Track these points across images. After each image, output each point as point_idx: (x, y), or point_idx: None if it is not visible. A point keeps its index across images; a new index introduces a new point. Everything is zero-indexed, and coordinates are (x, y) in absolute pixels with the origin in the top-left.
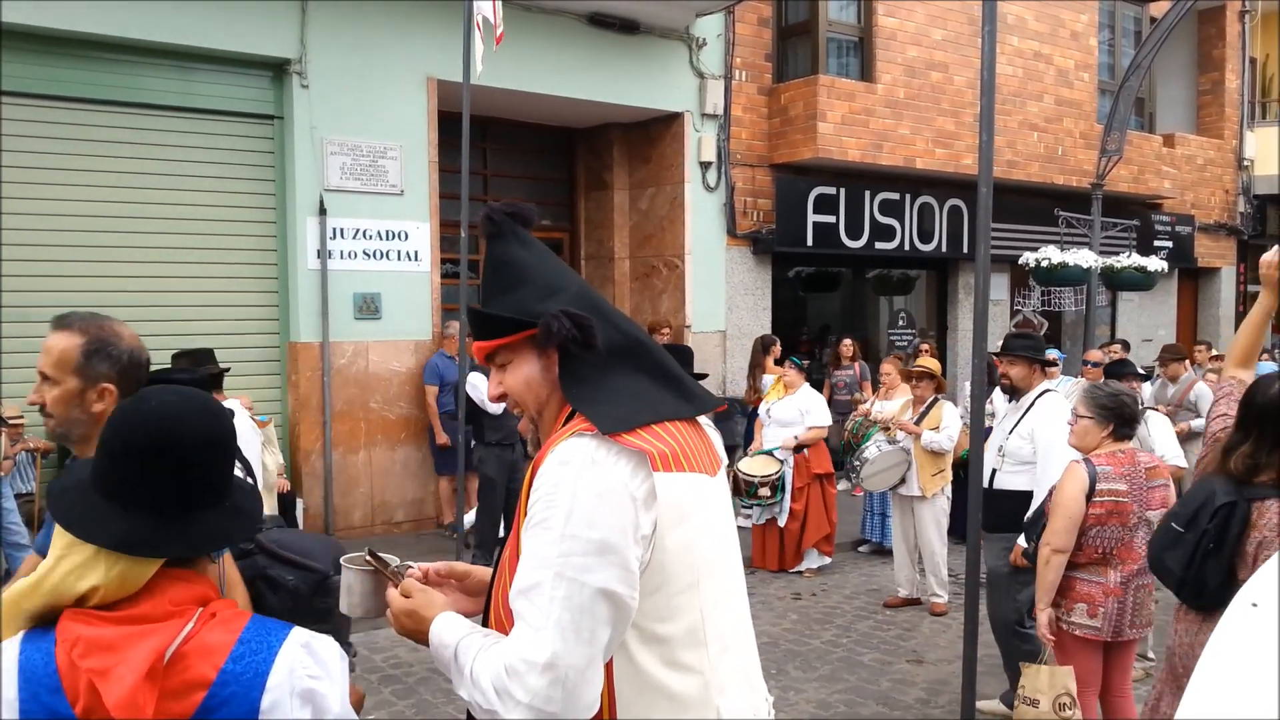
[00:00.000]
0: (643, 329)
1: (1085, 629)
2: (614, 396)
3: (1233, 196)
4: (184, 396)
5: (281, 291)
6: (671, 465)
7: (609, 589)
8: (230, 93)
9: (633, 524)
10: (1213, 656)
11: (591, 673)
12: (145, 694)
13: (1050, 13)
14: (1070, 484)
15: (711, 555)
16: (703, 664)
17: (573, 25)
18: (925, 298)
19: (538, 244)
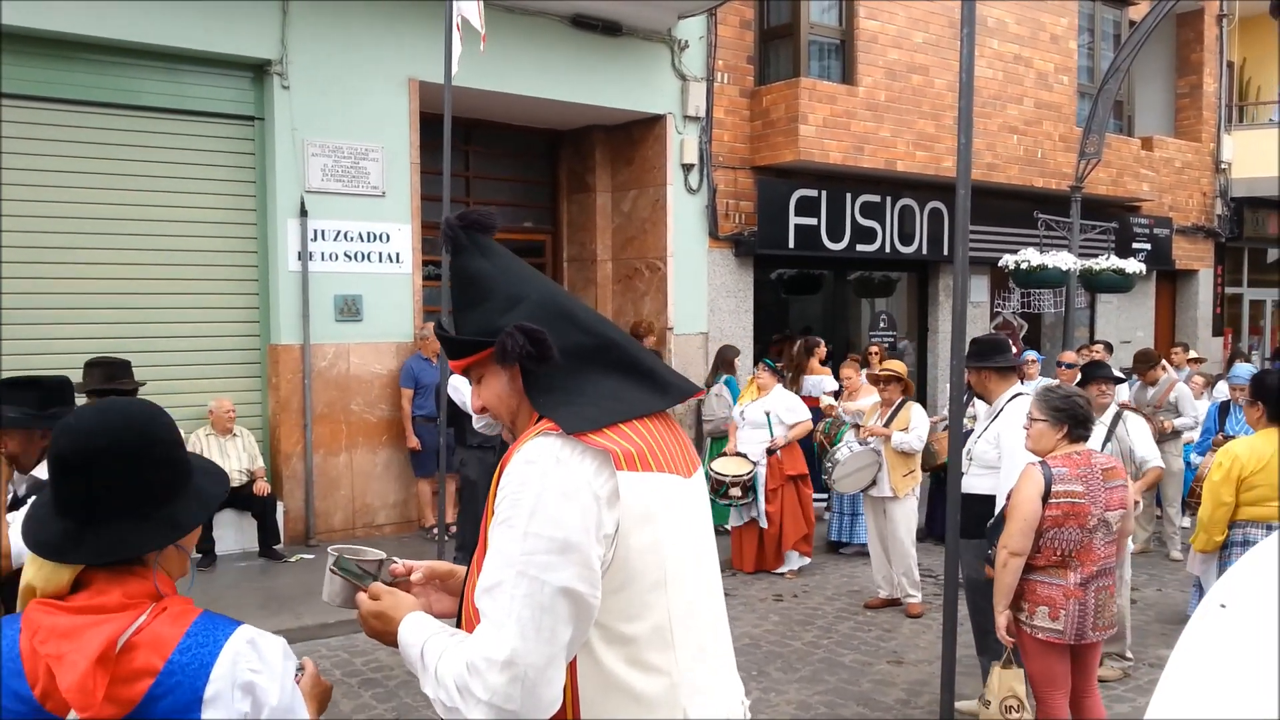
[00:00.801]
0: (613, 326)
1: (1048, 631)
2: (581, 397)
3: (1210, 199)
4: (104, 409)
5: (262, 293)
6: (638, 464)
7: (570, 587)
8: (210, 93)
9: (595, 523)
10: (1180, 659)
11: (552, 671)
12: (95, 679)
13: (1030, 16)
14: (1026, 486)
15: (683, 556)
16: (670, 665)
17: (555, 27)
18: (906, 300)
19: (499, 251)
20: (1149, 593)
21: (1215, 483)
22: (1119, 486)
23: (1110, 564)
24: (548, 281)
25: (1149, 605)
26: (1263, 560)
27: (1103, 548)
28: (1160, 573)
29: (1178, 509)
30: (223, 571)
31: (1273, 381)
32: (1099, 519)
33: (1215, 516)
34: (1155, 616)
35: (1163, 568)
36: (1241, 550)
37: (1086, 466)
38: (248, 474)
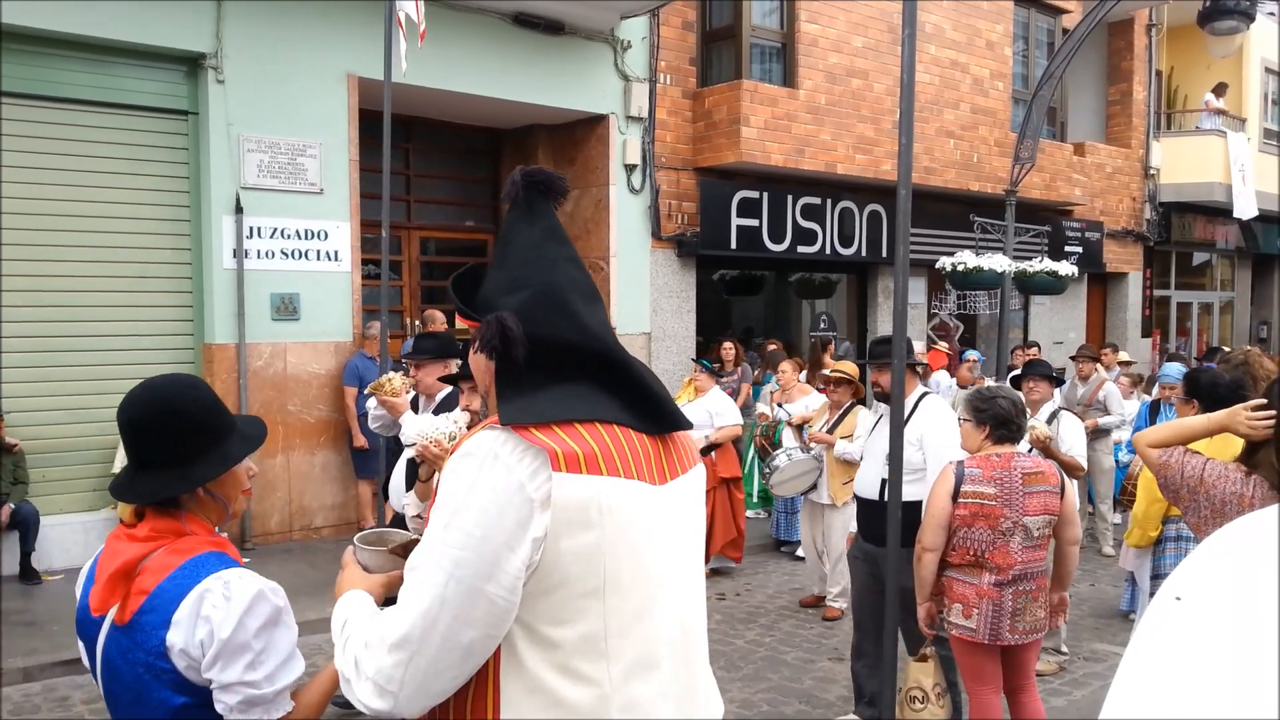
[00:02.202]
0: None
1: (961, 629)
2: (536, 393)
3: (1139, 204)
4: (148, 386)
5: (196, 291)
6: (581, 467)
7: (480, 587)
8: (143, 87)
9: (523, 524)
10: (1136, 653)
11: (444, 665)
12: (109, 588)
13: (967, 22)
14: (939, 485)
15: (634, 567)
16: (601, 676)
17: (497, 25)
18: (846, 301)
19: (543, 222)
20: (1083, 588)
21: (1150, 479)
22: (1043, 492)
23: (1034, 569)
24: (565, 270)
25: (1083, 600)
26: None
27: (1021, 552)
28: (1093, 568)
29: (1109, 505)
30: None
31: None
32: (1014, 523)
33: (1150, 513)
34: (1089, 611)
35: (1095, 563)
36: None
37: (1004, 469)
38: None
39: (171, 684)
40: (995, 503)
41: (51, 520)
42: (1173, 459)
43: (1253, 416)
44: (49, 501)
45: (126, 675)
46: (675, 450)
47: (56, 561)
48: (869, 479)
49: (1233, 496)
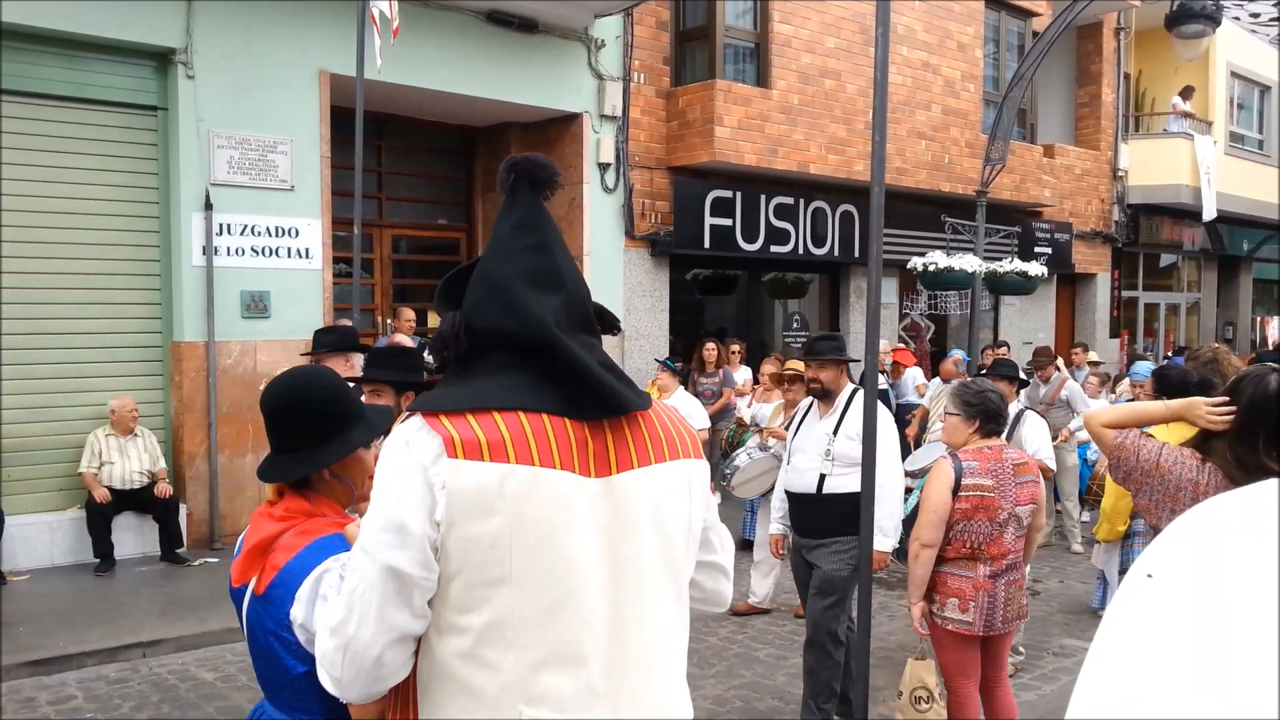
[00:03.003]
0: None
1: (957, 623)
2: (470, 382)
3: (1108, 206)
4: (280, 377)
5: (164, 289)
6: (483, 454)
7: (397, 568)
8: (111, 82)
9: (428, 507)
10: (1108, 630)
11: (380, 648)
12: (249, 560)
13: (938, 24)
14: (937, 479)
15: (549, 558)
16: (506, 664)
17: (471, 23)
18: (818, 301)
19: (518, 213)
20: (1052, 584)
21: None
22: (1029, 482)
23: (1019, 558)
24: (518, 260)
25: (1052, 596)
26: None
27: (1013, 542)
28: (1062, 565)
29: (1075, 502)
30: (122, 576)
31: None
32: (1009, 513)
33: (1118, 507)
34: (1059, 607)
35: (1064, 560)
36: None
37: (997, 461)
38: (149, 475)
39: (294, 653)
40: (994, 494)
41: (17, 520)
42: (1128, 441)
43: (1213, 410)
44: (14, 501)
45: (261, 641)
46: (636, 442)
47: (22, 562)
48: (804, 474)
49: (1188, 483)
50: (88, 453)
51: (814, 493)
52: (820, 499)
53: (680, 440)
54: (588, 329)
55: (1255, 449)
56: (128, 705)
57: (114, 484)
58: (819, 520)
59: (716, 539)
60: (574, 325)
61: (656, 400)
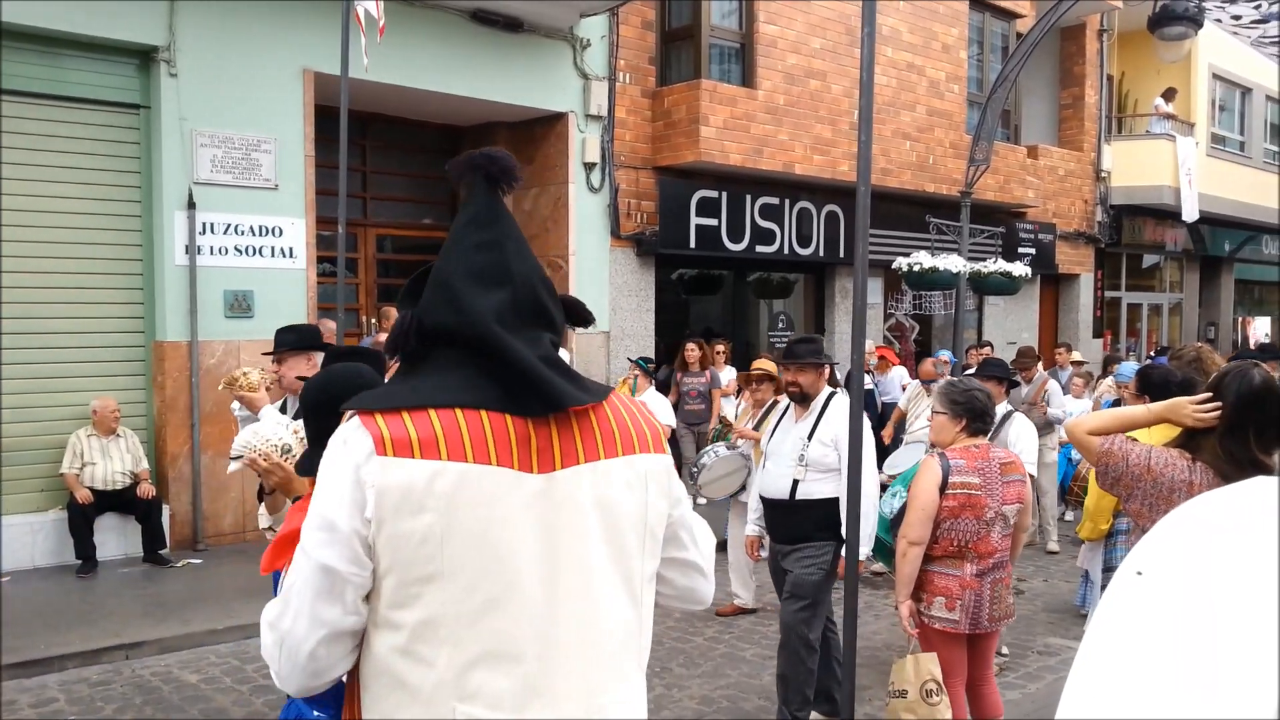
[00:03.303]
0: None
1: (944, 622)
2: (413, 380)
3: (1091, 206)
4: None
5: (147, 288)
6: (414, 451)
7: (329, 565)
8: (94, 80)
9: (360, 504)
10: (1098, 628)
11: (313, 644)
12: (276, 550)
13: (923, 25)
14: (925, 477)
15: (483, 555)
16: (440, 661)
17: (456, 21)
18: (804, 301)
19: (471, 209)
20: (1036, 583)
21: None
22: (1016, 481)
23: (1006, 557)
24: (466, 257)
25: (1036, 596)
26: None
27: (999, 540)
28: (1046, 564)
29: (1053, 499)
30: (104, 578)
31: (1157, 376)
32: (996, 512)
33: (1101, 505)
34: (1043, 606)
35: (1048, 559)
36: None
37: (984, 460)
38: (131, 476)
39: None
40: (981, 493)
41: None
42: (1115, 446)
43: (1199, 408)
44: None
45: None
46: (584, 437)
47: (3, 563)
48: (778, 480)
49: (1181, 484)
50: (69, 453)
51: (787, 498)
52: (793, 505)
53: (638, 435)
54: (541, 323)
55: (1246, 443)
56: (110, 708)
57: (96, 485)
58: (792, 526)
59: (687, 535)
60: (521, 321)
61: (621, 394)
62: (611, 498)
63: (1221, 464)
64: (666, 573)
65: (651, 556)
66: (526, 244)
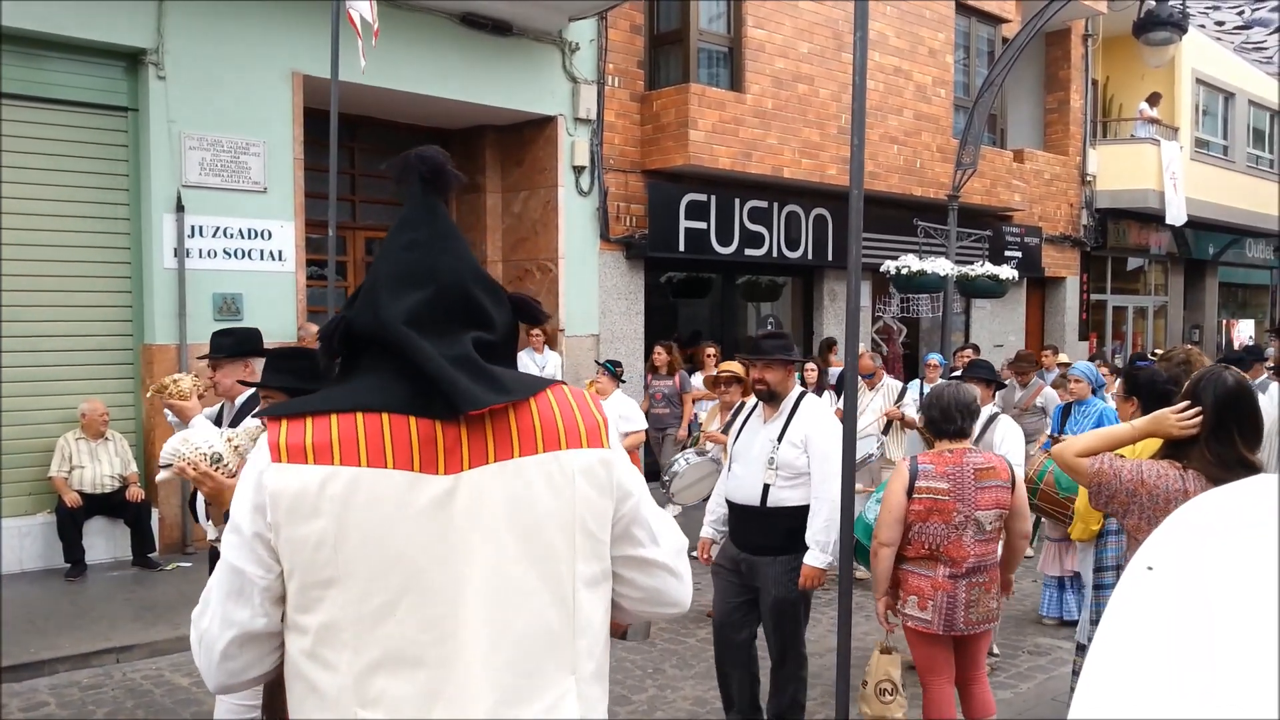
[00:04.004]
0: (411, 324)
1: (917, 620)
2: (326, 386)
3: (1076, 210)
4: None
5: (135, 291)
6: (308, 457)
7: (237, 565)
8: (81, 82)
9: (260, 508)
10: (1111, 622)
11: (224, 643)
12: None
13: (910, 30)
14: (894, 481)
15: (378, 559)
16: (342, 665)
17: (444, 25)
18: (792, 304)
19: (404, 211)
20: (1026, 584)
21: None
22: (994, 487)
23: (986, 561)
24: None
25: (1026, 596)
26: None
27: (974, 545)
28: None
29: None
30: (94, 581)
31: (1144, 377)
32: (967, 517)
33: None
34: (1033, 607)
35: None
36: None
37: (956, 465)
38: (120, 479)
39: None
40: (948, 497)
41: None
42: (1105, 465)
43: (1181, 417)
44: None
45: None
46: (498, 435)
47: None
48: (746, 484)
49: (1176, 493)
50: (58, 456)
51: (758, 505)
52: (764, 512)
53: (568, 429)
54: (467, 323)
55: (1232, 443)
56: (101, 711)
57: (84, 488)
58: (761, 535)
59: (643, 532)
60: (439, 321)
61: (567, 389)
62: (526, 497)
63: (1211, 468)
64: (625, 572)
65: (593, 558)
66: (462, 242)
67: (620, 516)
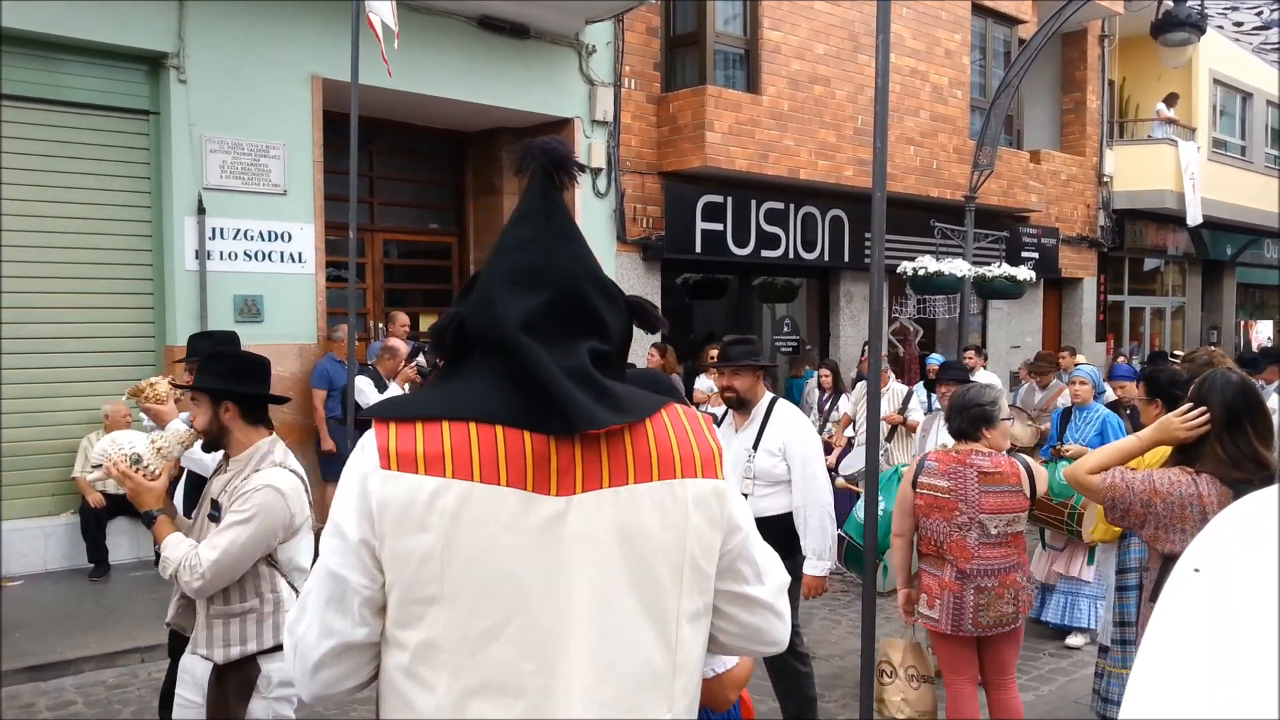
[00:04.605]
0: (526, 329)
1: (925, 619)
2: (435, 386)
3: (1094, 211)
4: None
5: (157, 293)
6: (418, 467)
7: (337, 571)
8: (103, 86)
9: (366, 515)
10: (1159, 625)
11: (320, 653)
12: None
13: (926, 31)
14: (906, 474)
15: (485, 580)
16: (440, 687)
17: (462, 28)
18: (807, 305)
19: (523, 204)
20: None
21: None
22: (1002, 491)
23: (995, 566)
24: (507, 256)
25: None
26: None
27: (978, 548)
28: None
29: None
30: (117, 581)
31: (1165, 379)
32: (970, 518)
33: None
34: None
35: None
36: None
37: (960, 464)
38: None
39: None
40: (948, 495)
41: (10, 525)
42: (1118, 479)
43: (1187, 419)
44: (8, 506)
45: None
46: (612, 458)
47: (16, 567)
48: None
49: (1190, 498)
50: (81, 457)
51: None
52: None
53: (683, 457)
54: (585, 330)
55: (1246, 438)
56: (128, 710)
57: (108, 489)
58: None
59: (748, 568)
60: (556, 328)
61: (682, 411)
62: (638, 526)
63: (1224, 468)
64: (725, 607)
65: (697, 592)
66: (580, 241)
67: (727, 550)
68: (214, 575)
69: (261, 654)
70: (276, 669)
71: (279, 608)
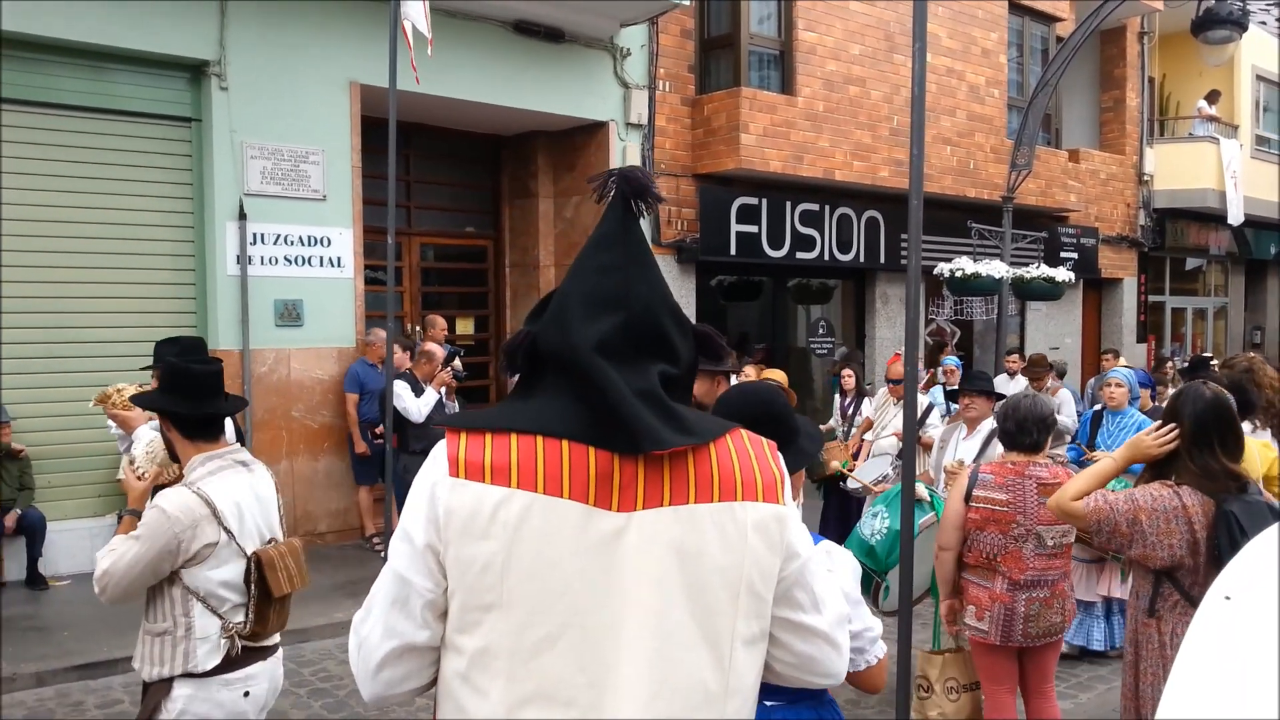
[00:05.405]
0: (600, 351)
1: (974, 630)
2: (508, 400)
3: (1134, 210)
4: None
5: (200, 298)
6: (485, 476)
7: (403, 574)
8: (146, 94)
9: (433, 520)
10: (1189, 652)
11: (383, 653)
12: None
13: (962, 30)
14: (954, 488)
15: (543, 590)
16: (494, 694)
17: (497, 32)
18: (843, 307)
19: (602, 229)
20: None
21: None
22: None
23: (1048, 576)
24: (584, 279)
25: None
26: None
27: (1034, 559)
28: None
29: None
30: None
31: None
32: (1027, 530)
33: None
34: None
35: None
36: None
37: (1017, 476)
38: None
39: None
40: (1007, 508)
41: (56, 526)
42: (1101, 502)
43: (1157, 436)
44: (54, 507)
45: None
46: (674, 478)
47: (62, 567)
48: None
49: (1174, 510)
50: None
51: None
52: None
53: (745, 480)
54: (657, 354)
55: (1214, 454)
56: None
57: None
58: None
59: (805, 595)
60: (628, 350)
61: (746, 436)
62: (697, 545)
63: (1199, 480)
64: (780, 635)
65: (753, 616)
66: (655, 269)
67: (784, 576)
68: (107, 583)
69: (177, 679)
70: (183, 696)
71: (190, 634)
